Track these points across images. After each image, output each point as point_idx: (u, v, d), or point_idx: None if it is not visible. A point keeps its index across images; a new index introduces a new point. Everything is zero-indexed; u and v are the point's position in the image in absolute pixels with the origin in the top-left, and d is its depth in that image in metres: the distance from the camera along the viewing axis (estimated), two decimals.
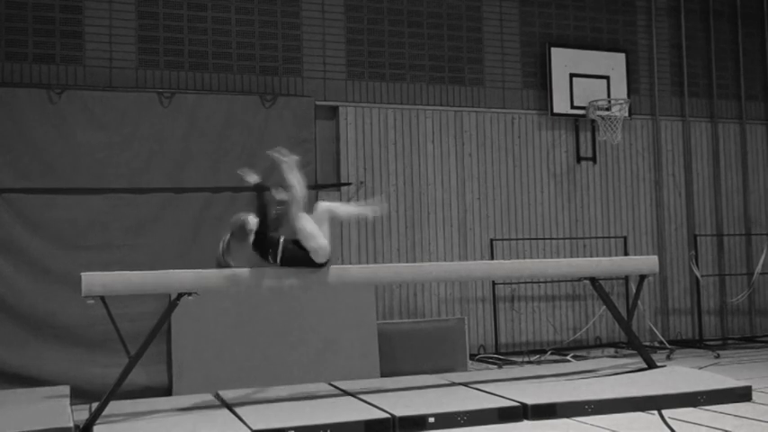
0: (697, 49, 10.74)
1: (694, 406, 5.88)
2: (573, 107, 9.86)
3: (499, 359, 8.80)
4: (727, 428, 5.17)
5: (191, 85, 8.44)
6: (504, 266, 7.34)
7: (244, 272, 6.25)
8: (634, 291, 7.94)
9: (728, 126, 10.83)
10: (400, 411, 5.50)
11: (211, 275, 5.92)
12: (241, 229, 5.44)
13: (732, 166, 10.81)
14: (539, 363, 8.62)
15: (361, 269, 6.78)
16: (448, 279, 8.61)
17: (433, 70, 9.43)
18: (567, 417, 5.65)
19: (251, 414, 5.59)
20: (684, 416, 5.60)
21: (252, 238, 5.41)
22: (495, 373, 7.67)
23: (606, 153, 10.16)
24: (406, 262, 8.86)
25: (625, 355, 8.84)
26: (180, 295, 5.75)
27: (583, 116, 9.88)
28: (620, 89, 10.03)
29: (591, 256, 9.72)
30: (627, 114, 9.90)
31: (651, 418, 5.61)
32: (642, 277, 7.25)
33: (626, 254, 9.85)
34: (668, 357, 8.79)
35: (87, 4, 8.17)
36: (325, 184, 8.79)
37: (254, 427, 5.17)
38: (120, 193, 7.82)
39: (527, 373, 7.34)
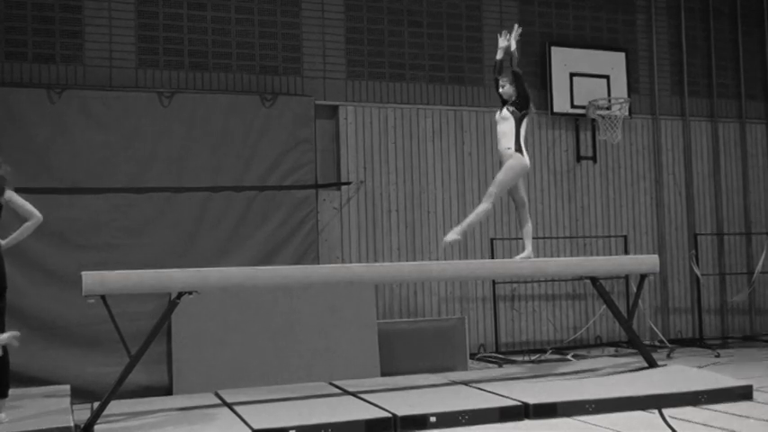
0: (697, 49, 10.73)
1: (695, 405, 5.89)
2: (573, 106, 9.86)
3: (499, 358, 8.79)
4: (727, 428, 5.16)
5: (191, 84, 8.43)
6: (504, 266, 7.36)
7: (242, 270, 6.26)
8: (634, 290, 7.95)
9: (728, 125, 10.83)
10: (401, 410, 5.51)
11: (211, 274, 5.92)
12: None
13: (732, 165, 10.80)
14: (539, 362, 8.61)
15: (361, 268, 6.80)
16: (449, 278, 8.61)
17: (432, 70, 9.43)
18: (568, 416, 5.65)
19: (252, 413, 5.60)
20: (685, 415, 5.59)
21: None
22: (495, 372, 7.68)
23: (606, 152, 10.15)
24: (406, 261, 8.85)
25: (625, 355, 8.84)
26: (180, 294, 5.76)
27: (583, 115, 9.88)
28: (620, 88, 10.02)
29: (591, 256, 9.72)
30: (627, 114, 9.89)
31: (652, 417, 5.61)
32: (643, 276, 7.26)
33: (626, 253, 9.85)
34: (668, 356, 8.79)
35: (87, 4, 8.16)
36: (324, 183, 8.78)
37: (255, 427, 5.17)
38: (120, 193, 7.81)
39: (527, 373, 7.35)
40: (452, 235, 6.62)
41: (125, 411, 5.86)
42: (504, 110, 6.84)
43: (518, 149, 6.75)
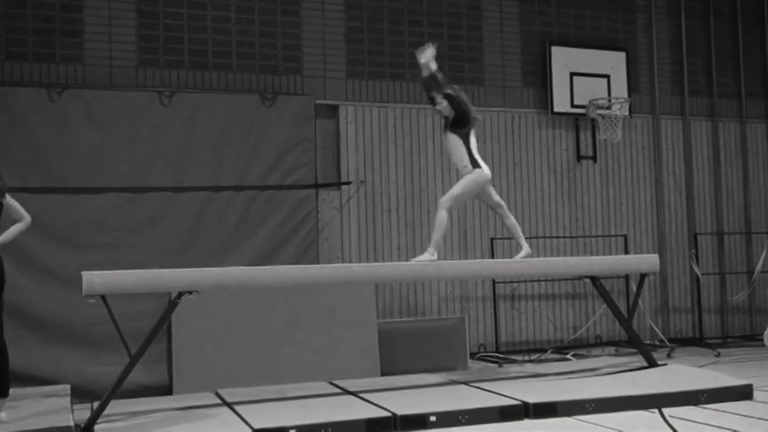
0: (697, 48, 10.73)
1: (695, 404, 5.89)
2: (573, 106, 9.85)
3: (500, 358, 8.79)
4: (727, 427, 5.16)
5: (191, 84, 8.43)
6: (504, 265, 7.36)
7: (242, 270, 6.26)
8: (634, 289, 7.95)
9: (729, 124, 10.82)
10: (401, 410, 5.50)
11: (211, 274, 5.92)
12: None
13: (732, 164, 10.80)
14: (539, 361, 8.61)
15: (362, 267, 6.79)
16: (449, 278, 8.61)
17: None
18: (568, 415, 5.65)
19: (252, 413, 5.60)
20: (685, 414, 5.59)
21: None
22: (495, 371, 7.68)
23: (606, 152, 10.15)
24: (407, 260, 8.84)
25: (625, 354, 8.84)
26: (180, 294, 5.75)
27: (583, 115, 9.87)
28: (620, 88, 10.02)
29: (591, 255, 9.72)
30: (627, 113, 9.90)
31: (652, 416, 5.61)
32: (643, 276, 7.26)
33: (626, 252, 9.85)
34: (669, 356, 8.79)
35: (87, 4, 8.16)
36: (324, 183, 8.78)
37: (255, 426, 5.17)
38: (120, 193, 7.82)
39: (528, 372, 7.35)
40: (427, 255, 6.48)
41: (125, 411, 5.85)
42: (448, 132, 6.70)
43: (474, 164, 6.60)
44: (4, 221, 7.37)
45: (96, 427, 5.37)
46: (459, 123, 6.61)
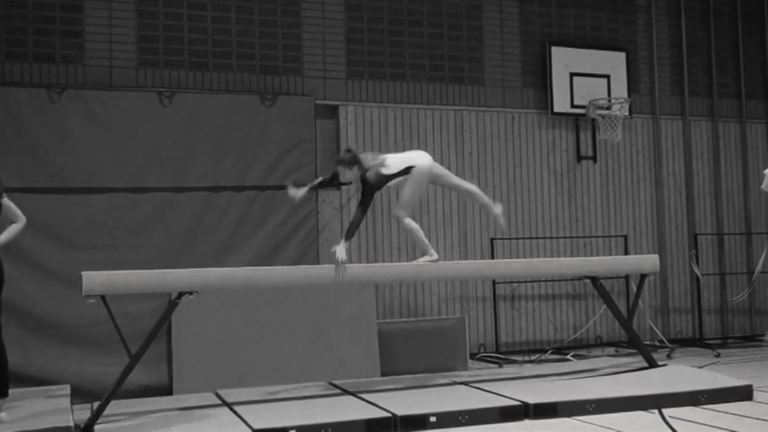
0: (697, 49, 10.73)
1: (695, 405, 5.89)
2: (573, 106, 9.85)
3: (500, 358, 8.79)
4: (727, 428, 5.16)
5: (191, 84, 8.43)
6: (504, 266, 7.36)
7: (242, 270, 6.27)
8: (634, 290, 7.95)
9: (729, 125, 10.82)
10: (401, 410, 5.51)
11: (212, 274, 5.93)
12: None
13: (732, 165, 10.80)
14: (539, 362, 8.61)
15: (362, 268, 6.79)
16: (449, 278, 8.61)
17: (432, 69, 9.43)
18: (569, 416, 5.65)
19: (251, 413, 5.60)
20: (685, 415, 5.59)
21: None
22: (495, 372, 7.68)
23: (606, 152, 10.15)
24: (407, 261, 8.84)
25: (625, 354, 8.84)
26: (180, 294, 5.76)
27: (583, 115, 9.87)
28: (620, 88, 10.02)
29: (591, 255, 9.72)
30: (627, 113, 9.89)
31: (652, 417, 5.61)
32: (643, 276, 7.27)
33: (626, 253, 9.85)
34: (669, 356, 8.79)
35: (87, 4, 8.16)
36: None
37: (255, 426, 5.18)
38: (120, 193, 7.82)
39: (528, 373, 7.35)
40: (427, 257, 6.57)
41: (125, 411, 5.86)
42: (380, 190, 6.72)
43: (408, 170, 6.54)
44: (2, 222, 7.38)
45: (96, 427, 5.37)
46: (377, 186, 6.59)
